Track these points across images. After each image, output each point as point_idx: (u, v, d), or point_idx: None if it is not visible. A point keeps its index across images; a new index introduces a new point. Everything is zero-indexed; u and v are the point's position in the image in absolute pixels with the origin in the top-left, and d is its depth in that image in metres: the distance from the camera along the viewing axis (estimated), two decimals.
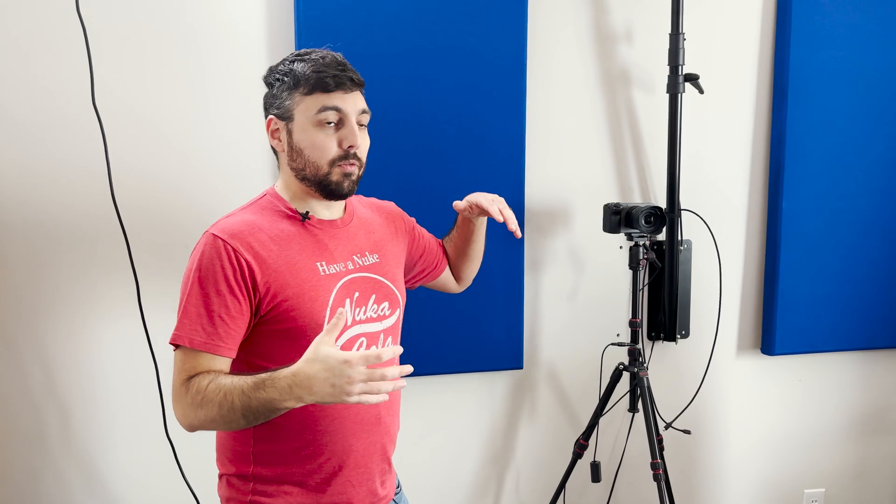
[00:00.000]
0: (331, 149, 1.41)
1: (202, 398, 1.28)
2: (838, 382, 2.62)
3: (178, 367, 1.34)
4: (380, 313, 1.50)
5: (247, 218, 1.42)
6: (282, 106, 1.42)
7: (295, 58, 1.43)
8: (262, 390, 1.23)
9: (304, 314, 1.38)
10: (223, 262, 1.34)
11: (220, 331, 1.33)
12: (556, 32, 2.26)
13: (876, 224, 2.50)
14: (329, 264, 1.44)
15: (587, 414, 2.34)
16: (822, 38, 2.36)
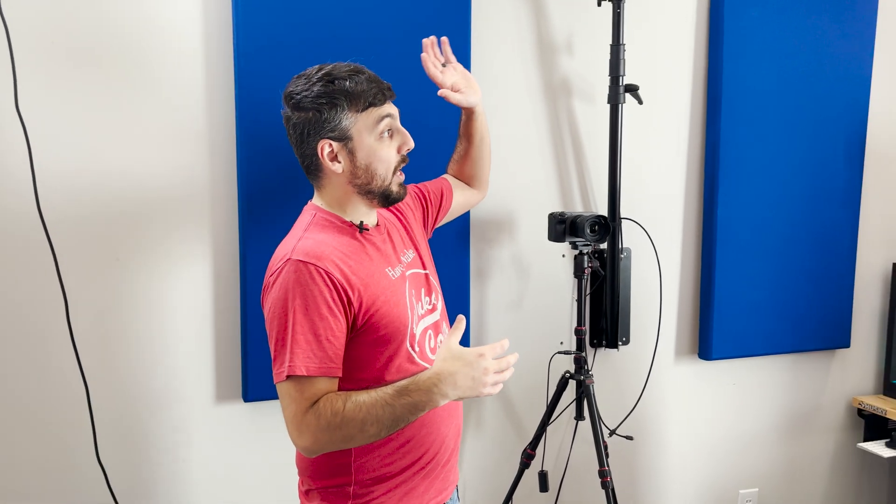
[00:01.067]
0: (392, 158, 1.49)
1: (341, 419, 1.33)
2: (770, 385, 2.71)
3: (296, 397, 1.35)
4: (432, 304, 1.60)
5: (317, 237, 1.45)
6: (337, 128, 1.44)
7: (328, 78, 1.44)
8: (407, 396, 1.33)
9: (392, 319, 1.45)
10: (318, 285, 1.37)
11: (331, 353, 1.37)
12: (498, 42, 2.26)
13: (803, 231, 2.60)
14: (393, 267, 1.52)
15: (533, 423, 2.33)
16: (752, 52, 2.45)
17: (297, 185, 1.99)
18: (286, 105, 1.49)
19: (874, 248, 2.77)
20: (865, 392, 2.84)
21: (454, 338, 1.37)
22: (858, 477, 2.88)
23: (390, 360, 1.46)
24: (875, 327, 2.81)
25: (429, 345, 1.54)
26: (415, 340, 1.50)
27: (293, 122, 1.48)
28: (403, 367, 1.48)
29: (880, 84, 2.66)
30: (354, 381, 1.44)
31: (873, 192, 2.72)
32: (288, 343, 1.35)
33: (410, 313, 1.49)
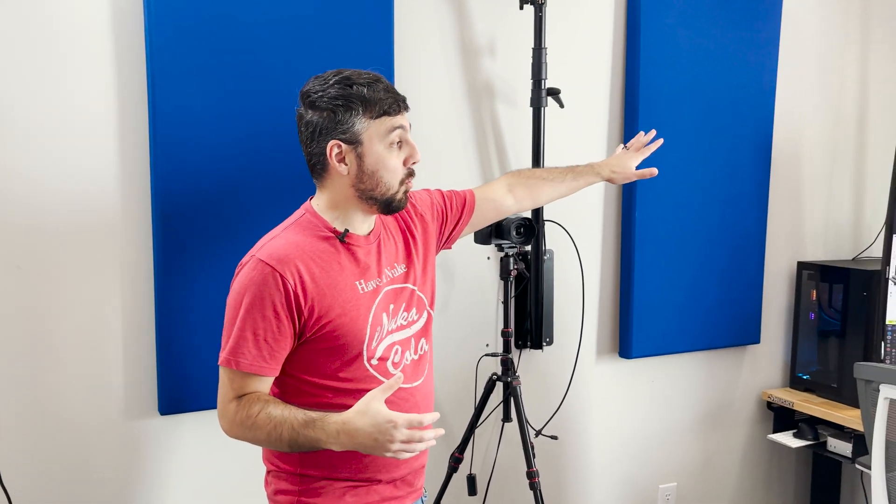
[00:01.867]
0: (400, 169, 1.51)
1: (252, 423, 1.41)
2: (686, 381, 2.80)
3: (226, 386, 1.45)
4: (409, 320, 1.60)
5: (290, 238, 1.48)
6: (348, 131, 1.46)
7: (346, 81, 1.46)
8: (311, 429, 1.37)
9: (346, 333, 1.47)
10: (270, 288, 1.41)
11: (265, 353, 1.43)
12: (421, 44, 2.25)
13: (716, 233, 2.69)
14: (367, 281, 1.53)
15: (460, 426, 2.33)
16: (668, 59, 2.52)
17: (215, 183, 1.94)
18: (301, 103, 1.51)
19: (781, 249, 2.90)
20: (774, 386, 2.97)
21: (380, 394, 1.35)
22: (768, 467, 3.01)
23: (342, 369, 1.50)
24: (782, 324, 2.95)
25: (393, 359, 1.55)
26: (374, 355, 1.51)
27: (306, 119, 1.50)
28: (358, 377, 1.50)
29: (784, 91, 2.79)
30: (302, 381, 1.49)
31: (779, 194, 2.85)
32: (229, 335, 1.44)
33: (371, 329, 1.50)
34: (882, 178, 3.02)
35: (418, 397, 1.59)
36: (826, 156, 2.97)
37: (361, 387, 1.49)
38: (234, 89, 1.94)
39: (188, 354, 1.93)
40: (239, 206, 1.97)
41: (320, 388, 1.49)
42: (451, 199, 1.82)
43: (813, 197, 2.96)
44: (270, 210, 1.95)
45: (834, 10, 2.91)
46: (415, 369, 1.60)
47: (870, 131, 3.04)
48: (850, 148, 3.02)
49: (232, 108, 1.94)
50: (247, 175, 1.97)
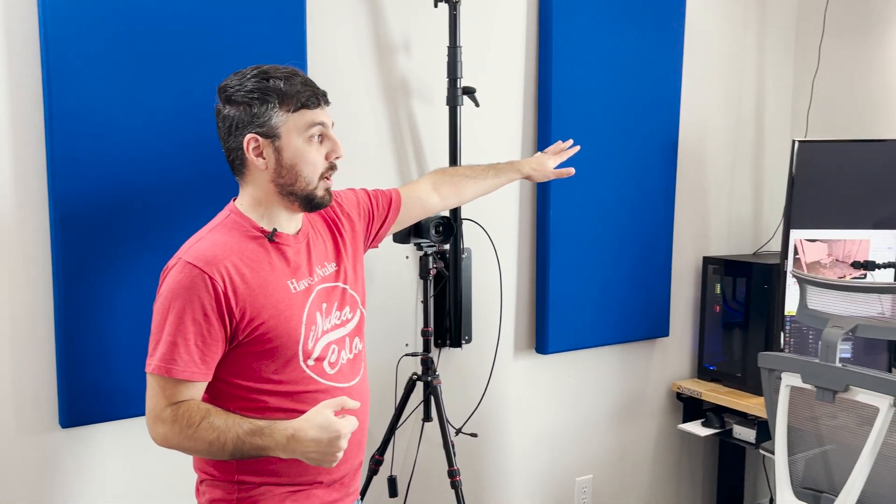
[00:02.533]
0: (320, 163, 1.49)
1: (193, 433, 1.36)
2: (600, 375, 2.86)
3: (158, 394, 1.39)
4: (343, 318, 1.59)
5: (217, 240, 1.45)
6: (265, 125, 1.44)
7: (264, 75, 1.45)
8: (259, 437, 1.36)
9: (280, 334, 1.45)
10: (199, 290, 1.38)
11: (197, 358, 1.39)
12: (335, 42, 2.21)
13: (626, 230, 2.77)
14: (299, 280, 1.51)
15: (380, 428, 2.30)
16: (579, 60, 2.57)
17: (121, 184, 1.85)
18: (219, 98, 1.49)
19: (687, 245, 3.00)
20: (683, 377, 3.07)
21: (330, 406, 1.37)
22: (679, 455, 3.11)
23: (277, 372, 1.47)
24: (689, 317, 3.06)
25: (329, 359, 1.53)
26: (310, 356, 1.49)
27: (223, 114, 1.48)
28: (294, 378, 1.48)
29: (688, 94, 2.90)
30: (235, 386, 1.46)
31: (685, 193, 2.96)
32: (157, 340, 1.39)
33: (305, 329, 1.48)
34: (779, 176, 3.18)
35: (355, 397, 1.57)
36: (728, 155, 3.10)
37: (298, 388, 1.48)
38: (140, 87, 1.85)
39: (93, 362, 1.83)
40: (147, 206, 1.88)
41: (255, 392, 1.46)
42: (378, 198, 1.82)
43: (716, 195, 3.09)
44: (180, 210, 1.91)
45: (733, 17, 3.04)
46: (351, 368, 1.59)
47: (767, 132, 3.20)
48: (750, 148, 3.16)
49: (138, 107, 1.86)
50: (155, 175, 1.89)
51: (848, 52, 3.02)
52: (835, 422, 2.00)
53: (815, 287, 2.02)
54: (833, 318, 1.95)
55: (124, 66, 1.83)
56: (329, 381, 1.53)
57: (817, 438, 2.04)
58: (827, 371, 1.88)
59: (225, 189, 1.69)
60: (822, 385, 1.89)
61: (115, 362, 1.85)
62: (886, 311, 1.92)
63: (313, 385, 1.49)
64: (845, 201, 2.57)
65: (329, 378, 1.53)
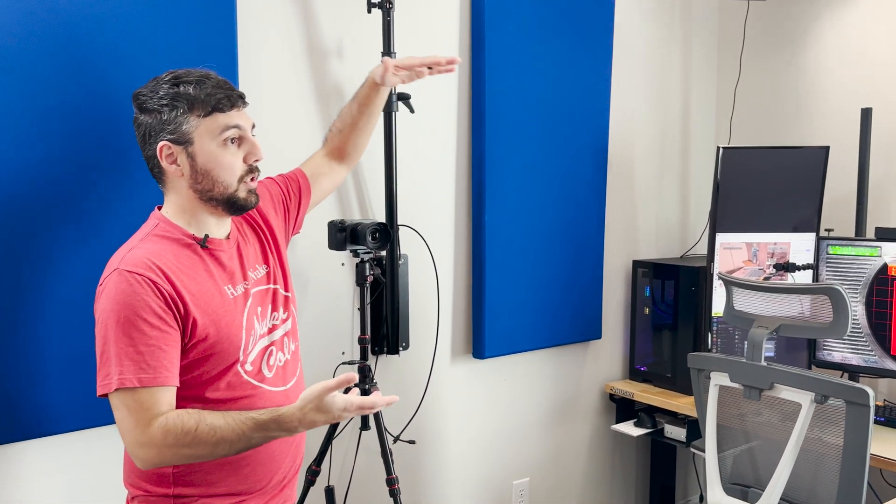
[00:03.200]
0: (237, 166, 1.46)
1: (192, 439, 1.32)
2: (536, 378, 2.89)
3: (135, 409, 1.32)
4: (279, 320, 1.57)
5: (150, 248, 1.41)
6: (176, 131, 1.42)
7: (175, 81, 1.43)
8: (265, 431, 1.35)
9: (221, 340, 1.42)
10: (146, 295, 1.34)
11: (165, 362, 1.34)
12: (267, 47, 2.18)
13: (559, 235, 2.81)
14: (235, 286, 1.49)
15: (316, 438, 2.26)
16: (512, 66, 2.60)
17: (28, 195, 1.77)
18: (134, 106, 1.47)
19: (617, 248, 3.07)
20: (615, 378, 3.14)
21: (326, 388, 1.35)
22: (612, 455, 3.17)
23: (216, 378, 1.44)
24: (620, 319, 3.12)
25: (266, 362, 1.52)
26: (248, 360, 1.47)
27: (138, 122, 1.46)
28: (233, 384, 1.45)
29: (617, 101, 2.97)
30: (177, 396, 1.40)
31: (615, 197, 3.03)
32: (112, 355, 1.33)
33: (245, 334, 1.46)
34: (704, 181, 3.28)
35: (293, 399, 1.54)
36: (655, 161, 3.19)
37: (236, 394, 1.46)
38: (56, 90, 1.77)
39: (14, 378, 1.74)
40: (64, 214, 1.80)
41: (190, 401, 1.43)
42: (288, 185, 1.79)
43: (645, 199, 3.17)
44: (104, 218, 1.84)
45: (659, 28, 3.13)
46: (287, 370, 1.58)
47: (692, 138, 3.30)
48: (677, 154, 3.26)
49: (53, 111, 1.78)
50: (75, 180, 1.81)
51: (767, 62, 3.15)
52: (760, 418, 2.07)
53: (740, 289, 2.09)
54: (758, 318, 2.02)
55: (39, 67, 1.75)
56: (267, 385, 1.51)
57: (744, 435, 2.11)
58: (753, 370, 1.95)
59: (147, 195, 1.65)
60: (748, 384, 1.96)
61: (38, 378, 1.77)
62: (806, 311, 2.01)
63: (250, 390, 1.48)
64: (767, 205, 2.67)
65: (267, 382, 1.52)
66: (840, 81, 2.92)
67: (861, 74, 2.86)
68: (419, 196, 2.50)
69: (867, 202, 2.64)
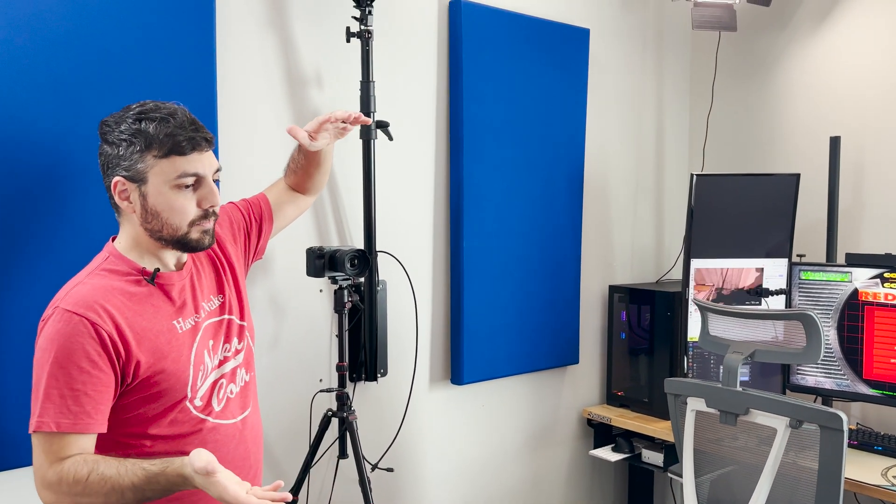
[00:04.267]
0: (190, 211, 1.42)
1: (83, 488, 1.28)
2: (514, 404, 2.90)
3: (43, 451, 1.31)
4: (232, 350, 1.55)
5: (97, 284, 1.38)
6: (132, 168, 1.39)
7: (139, 115, 1.40)
8: (157, 483, 1.28)
9: (168, 377, 1.40)
10: (82, 337, 1.31)
11: (89, 408, 1.32)
12: (245, 75, 2.18)
13: (537, 261, 2.83)
14: (184, 319, 1.47)
15: (294, 466, 2.25)
16: (488, 95, 2.63)
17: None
18: (98, 134, 1.45)
19: (594, 274, 3.10)
20: (593, 403, 3.15)
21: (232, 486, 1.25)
22: (591, 481, 3.18)
23: (162, 415, 1.40)
24: (597, 344, 3.14)
25: (217, 395, 1.49)
26: (197, 395, 1.44)
27: (99, 152, 1.45)
28: (181, 419, 1.42)
29: (592, 130, 3.01)
30: (119, 433, 1.40)
31: (591, 223, 3.06)
32: (40, 396, 1.32)
33: (193, 369, 1.44)
34: (678, 207, 3.33)
35: (247, 431, 1.55)
36: (630, 188, 3.23)
37: (185, 430, 1.44)
38: (33, 116, 1.77)
39: None
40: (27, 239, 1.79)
41: (137, 438, 1.41)
42: (250, 211, 1.77)
43: (620, 225, 3.20)
44: (69, 246, 1.81)
45: (633, 58, 3.19)
46: (238, 402, 1.55)
47: (667, 166, 3.35)
48: (651, 181, 3.31)
49: (29, 138, 1.77)
50: (43, 211, 1.80)
51: (739, 91, 3.22)
52: (737, 443, 2.09)
53: (715, 314, 2.12)
54: (733, 343, 2.05)
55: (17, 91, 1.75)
56: (217, 418, 1.49)
57: (721, 460, 2.12)
58: (729, 395, 1.97)
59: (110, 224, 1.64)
60: (724, 409, 1.98)
61: (12, 407, 1.74)
62: (780, 336, 2.04)
63: (200, 424, 1.45)
64: (740, 232, 2.72)
65: (217, 416, 1.49)
66: (809, 110, 2.99)
67: (828, 103, 2.93)
68: (398, 222, 2.51)
69: (837, 228, 2.70)
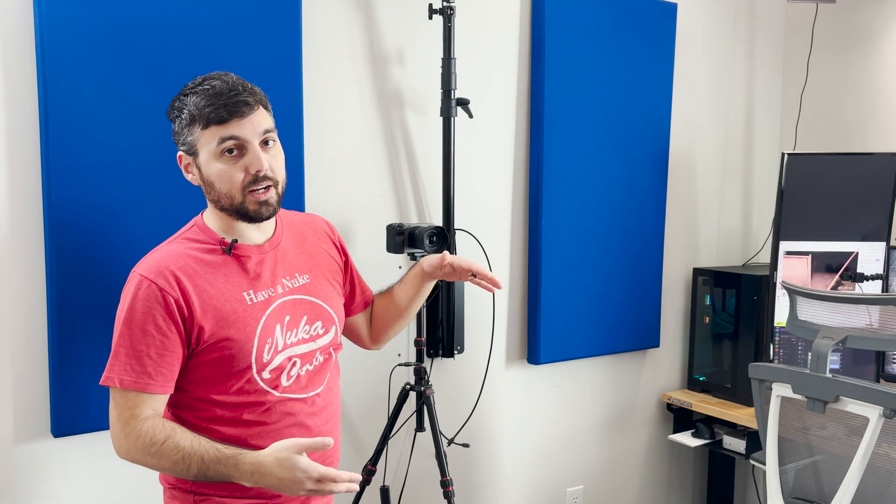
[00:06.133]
0: (238, 177, 1.43)
1: (157, 451, 1.36)
2: (591, 385, 2.87)
3: (119, 405, 1.39)
4: (312, 333, 1.55)
5: (173, 251, 1.45)
6: (186, 142, 1.45)
7: (186, 91, 1.44)
8: (223, 466, 1.36)
9: (231, 345, 1.43)
10: (150, 301, 1.38)
11: (150, 370, 1.38)
12: (330, 55, 2.22)
13: (617, 241, 2.78)
14: (256, 292, 1.48)
15: (372, 438, 2.30)
16: (571, 71, 2.59)
17: (115, 191, 1.85)
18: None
19: (677, 256, 3.03)
20: (673, 388, 3.09)
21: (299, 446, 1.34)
22: (669, 466, 3.12)
23: (228, 382, 1.45)
24: (679, 328, 3.07)
25: (288, 372, 1.50)
26: (266, 367, 1.47)
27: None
28: (247, 389, 1.46)
29: (679, 106, 2.93)
30: (190, 395, 1.46)
31: (675, 204, 2.98)
32: (116, 354, 1.40)
33: (259, 341, 1.45)
34: (768, 188, 3.21)
35: (317, 407, 1.55)
36: (718, 168, 3.13)
37: (249, 400, 1.46)
38: (135, 93, 1.86)
39: (85, 372, 1.82)
40: (139, 213, 1.88)
41: (205, 403, 1.46)
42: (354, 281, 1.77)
43: (706, 206, 3.11)
44: (172, 216, 1.89)
45: (723, 31, 3.07)
46: (311, 379, 1.54)
47: (756, 145, 3.23)
48: (739, 162, 3.19)
49: (131, 114, 1.86)
50: (148, 181, 1.89)
51: (836, 66, 3.06)
52: (824, 432, 2.02)
53: (805, 298, 2.04)
54: (823, 328, 1.97)
55: (121, 72, 1.84)
56: (283, 392, 1.49)
57: (807, 449, 2.05)
58: (818, 381, 1.90)
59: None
60: (812, 395, 1.91)
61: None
62: (875, 322, 1.94)
63: (264, 396, 1.46)
64: (834, 213, 2.60)
65: (283, 390, 1.49)
66: None
67: None
68: (476, 200, 2.51)
69: None
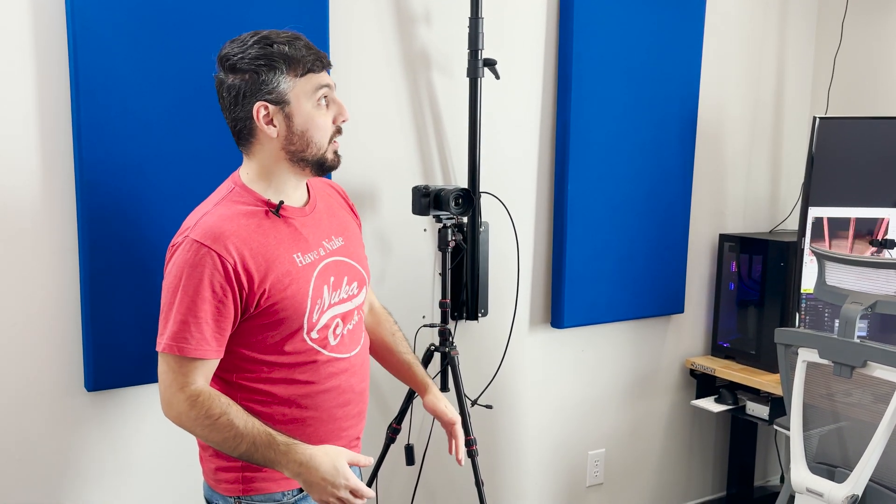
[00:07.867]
0: (329, 127, 1.48)
1: (210, 424, 1.39)
2: (614, 350, 2.87)
3: (173, 370, 1.40)
4: (350, 293, 1.58)
5: (224, 214, 1.44)
6: (274, 91, 1.42)
7: (264, 41, 1.42)
8: (272, 452, 1.39)
9: (286, 307, 1.45)
10: (209, 268, 1.38)
11: (208, 335, 1.39)
12: (356, 14, 2.20)
13: (643, 206, 2.76)
14: (304, 254, 1.50)
15: (397, 398, 2.32)
16: (599, 35, 2.55)
17: (145, 152, 1.87)
18: (220, 67, 1.45)
19: (703, 221, 3.00)
20: (696, 354, 3.08)
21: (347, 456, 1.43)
22: (691, 431, 3.13)
23: (280, 343, 1.48)
24: (704, 294, 3.06)
25: (333, 332, 1.54)
26: (314, 328, 1.50)
27: (227, 84, 1.44)
28: (298, 349, 1.49)
29: (708, 72, 2.88)
30: (238, 356, 1.47)
31: (702, 170, 2.95)
32: (170, 318, 1.39)
33: (311, 302, 1.48)
34: (797, 153, 3.16)
35: (356, 366, 1.59)
36: (746, 133, 3.08)
37: (301, 360, 1.49)
38: (163, 54, 1.86)
39: (116, 329, 1.86)
40: (168, 172, 1.90)
41: (258, 364, 1.48)
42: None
43: (734, 172, 3.07)
44: (201, 178, 1.90)
45: None
46: (352, 338, 1.59)
47: (786, 109, 3.17)
48: (768, 126, 3.14)
49: (161, 75, 1.87)
50: (177, 143, 1.91)
51: (871, 28, 2.99)
52: (850, 398, 2.01)
53: (834, 263, 2.02)
54: (851, 294, 1.95)
55: (148, 32, 1.84)
56: (331, 352, 1.52)
57: (832, 415, 2.05)
58: (845, 346, 1.89)
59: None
60: (840, 360, 1.90)
61: (140, 327, 1.87)
62: None
63: (315, 356, 1.50)
64: (865, 179, 2.56)
65: (331, 349, 1.53)
66: None
67: None
68: (502, 163, 2.50)
69: None
